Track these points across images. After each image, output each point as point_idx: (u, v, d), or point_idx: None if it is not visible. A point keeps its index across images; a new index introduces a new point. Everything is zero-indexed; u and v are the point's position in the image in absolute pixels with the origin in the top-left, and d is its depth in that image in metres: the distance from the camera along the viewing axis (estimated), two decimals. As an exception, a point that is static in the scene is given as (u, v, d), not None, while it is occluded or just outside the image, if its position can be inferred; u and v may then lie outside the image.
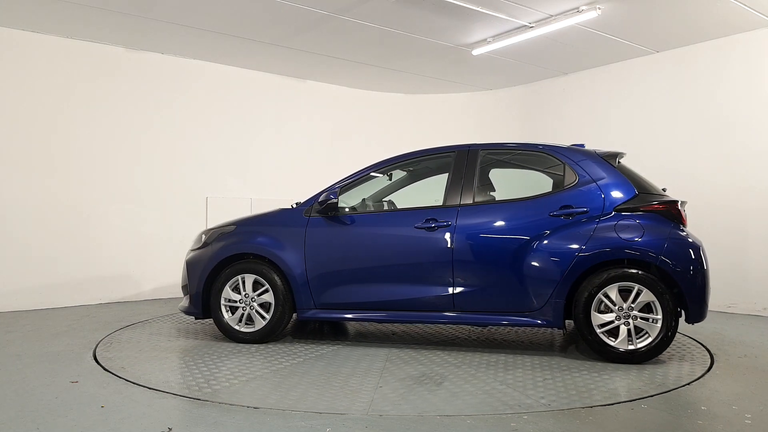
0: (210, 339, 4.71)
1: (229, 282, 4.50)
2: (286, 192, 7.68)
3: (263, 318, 4.47)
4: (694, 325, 5.16)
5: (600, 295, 3.95)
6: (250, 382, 3.51)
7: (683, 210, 4.14)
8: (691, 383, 3.53)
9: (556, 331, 5.09)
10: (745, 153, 6.14)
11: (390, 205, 4.94)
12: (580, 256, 3.98)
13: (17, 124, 6.13)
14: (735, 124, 6.24)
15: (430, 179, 4.97)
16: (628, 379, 3.61)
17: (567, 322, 4.19)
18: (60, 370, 3.78)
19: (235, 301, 4.51)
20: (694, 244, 3.98)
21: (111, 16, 5.78)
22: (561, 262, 4.01)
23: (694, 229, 4.26)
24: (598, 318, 3.96)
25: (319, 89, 8.43)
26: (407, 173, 5.03)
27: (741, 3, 5.36)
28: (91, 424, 2.81)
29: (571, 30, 6.05)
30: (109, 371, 3.75)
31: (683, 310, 3.97)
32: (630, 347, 3.92)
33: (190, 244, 5.00)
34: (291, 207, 4.72)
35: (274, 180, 7.95)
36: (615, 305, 3.94)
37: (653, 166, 6.19)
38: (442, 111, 9.05)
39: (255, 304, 4.49)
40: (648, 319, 3.90)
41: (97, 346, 4.46)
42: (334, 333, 5.09)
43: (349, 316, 4.44)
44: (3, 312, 5.91)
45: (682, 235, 4.00)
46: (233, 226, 4.70)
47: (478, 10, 5.50)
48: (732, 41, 6.24)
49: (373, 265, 4.37)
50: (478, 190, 4.39)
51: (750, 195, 6.09)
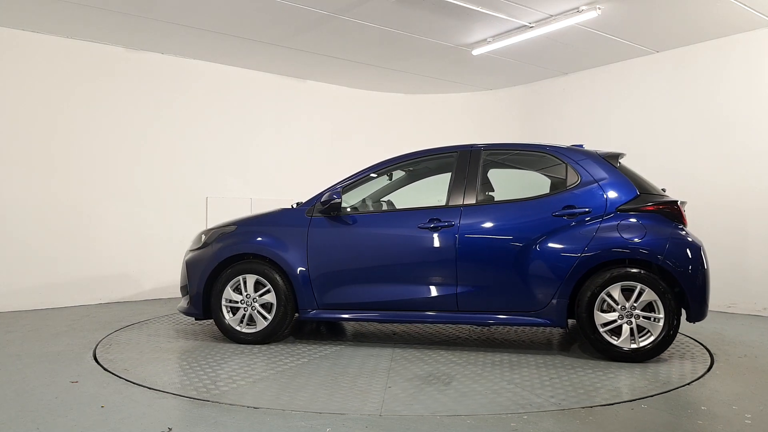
0: (210, 339, 4.71)
1: (230, 282, 4.48)
2: (286, 192, 7.68)
3: (265, 318, 4.45)
4: (695, 324, 5.20)
5: (603, 294, 3.98)
6: (257, 383, 3.50)
7: (683, 210, 4.19)
8: (691, 383, 3.53)
9: (555, 330, 5.10)
10: (745, 153, 6.14)
11: (389, 205, 4.93)
12: (583, 256, 4.00)
13: (17, 124, 6.13)
14: (735, 124, 6.24)
15: (431, 179, 4.96)
16: (630, 378, 3.61)
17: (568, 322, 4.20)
18: (60, 370, 3.78)
19: (236, 302, 4.49)
20: (694, 244, 4.03)
21: (111, 16, 5.78)
22: (564, 261, 4.03)
23: (694, 229, 4.29)
24: (601, 317, 3.98)
25: (319, 89, 8.43)
26: (409, 173, 5.02)
27: (741, 3, 5.36)
28: (91, 424, 2.81)
29: (571, 30, 6.05)
30: (109, 371, 3.74)
31: (684, 309, 4.01)
32: (633, 346, 3.95)
33: (189, 244, 4.98)
34: (291, 207, 4.72)
35: (274, 180, 7.95)
36: (618, 304, 3.97)
37: (653, 166, 6.19)
38: (442, 111, 9.04)
39: (256, 305, 4.47)
40: (650, 318, 3.93)
41: (97, 346, 4.46)
42: (334, 333, 5.09)
43: (352, 317, 4.44)
44: (3, 312, 5.91)
45: (684, 235, 4.05)
46: (234, 226, 4.67)
47: (478, 10, 5.50)
48: (732, 41, 6.24)
49: (376, 265, 4.36)
50: (480, 191, 4.41)
51: (750, 195, 6.09)
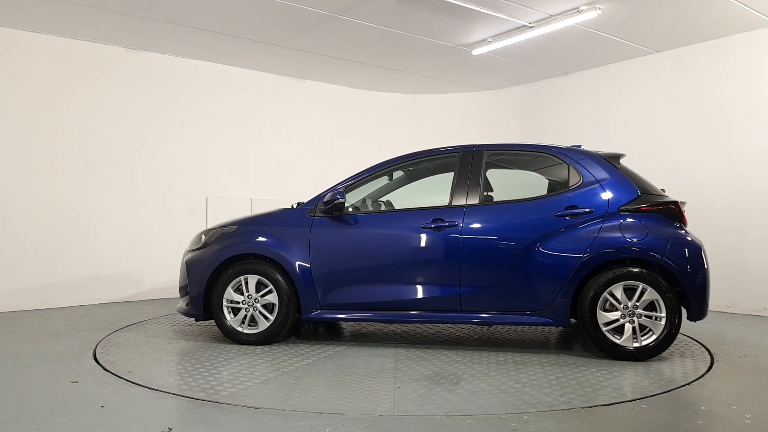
0: (210, 340, 4.71)
1: (232, 283, 4.45)
2: (286, 192, 7.68)
3: (267, 319, 4.43)
4: (695, 325, 5.24)
5: (605, 293, 4.01)
6: (265, 385, 3.48)
7: (683, 210, 4.22)
8: (691, 383, 3.53)
9: (553, 329, 5.11)
10: (745, 153, 6.14)
11: (389, 205, 4.93)
12: (586, 255, 4.03)
13: (17, 124, 6.13)
14: (735, 124, 6.24)
15: (432, 180, 4.96)
16: (633, 377, 3.63)
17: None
18: (60, 370, 3.78)
19: (238, 303, 4.46)
20: (695, 243, 4.07)
21: (111, 16, 5.78)
22: (567, 261, 4.06)
23: (694, 229, 4.31)
24: (603, 316, 4.02)
25: (319, 89, 8.43)
26: (411, 173, 5.02)
27: (741, 3, 5.36)
28: (91, 424, 2.81)
29: (571, 30, 6.05)
30: (109, 371, 3.74)
31: (685, 308, 4.06)
32: (635, 345, 3.99)
33: (188, 244, 4.95)
34: (291, 207, 4.71)
35: (274, 180, 7.95)
36: (620, 304, 4.00)
37: (653, 166, 6.19)
38: (442, 111, 9.04)
39: (258, 305, 4.44)
40: (652, 317, 3.96)
41: (97, 346, 4.46)
42: (333, 333, 5.09)
43: (354, 317, 4.43)
44: (3, 312, 5.91)
45: (685, 235, 4.09)
46: (235, 227, 4.64)
47: (478, 10, 5.50)
48: (732, 41, 6.24)
49: (379, 265, 4.36)
50: (483, 191, 4.42)
51: (750, 195, 6.09)
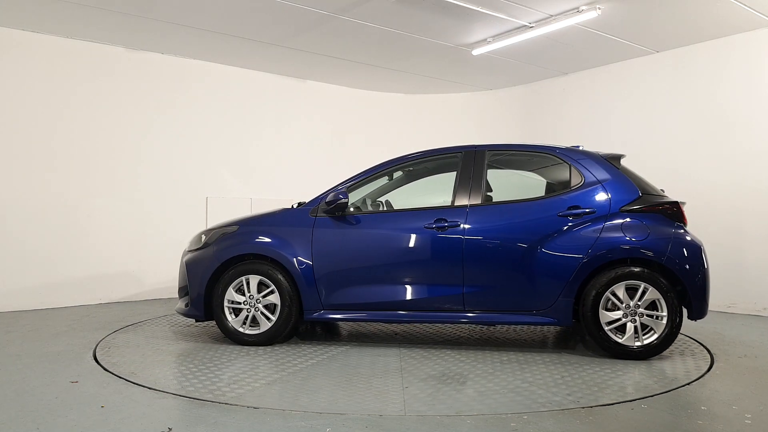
0: (211, 340, 4.70)
1: (233, 283, 4.43)
2: (286, 192, 7.68)
3: (268, 320, 4.41)
4: (695, 325, 5.24)
5: (608, 293, 4.03)
6: (272, 385, 3.46)
7: (683, 210, 4.25)
8: (691, 383, 3.53)
9: (551, 328, 5.11)
10: (745, 153, 6.14)
11: (388, 205, 4.93)
12: (589, 255, 4.05)
13: (17, 124, 6.13)
14: (735, 124, 6.24)
15: (433, 180, 4.96)
16: (637, 376, 3.65)
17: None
18: (60, 370, 3.78)
19: (239, 303, 4.44)
20: (696, 243, 4.10)
21: (111, 16, 5.78)
22: (570, 261, 4.08)
23: (694, 229, 4.32)
24: (606, 316, 4.04)
25: (319, 89, 8.43)
26: (413, 174, 5.01)
27: (741, 3, 5.36)
28: (91, 424, 2.81)
29: (571, 30, 6.05)
30: (109, 371, 3.74)
31: (686, 307, 4.09)
32: (637, 344, 4.01)
33: (187, 245, 4.90)
34: (291, 207, 4.70)
35: (274, 180, 7.95)
36: (622, 303, 4.03)
37: (653, 166, 6.19)
38: (442, 111, 9.04)
39: (260, 306, 4.42)
40: (653, 317, 3.99)
41: (97, 346, 4.46)
42: (334, 334, 5.09)
43: (357, 317, 4.43)
44: (3, 312, 5.91)
45: (685, 235, 4.12)
46: (236, 227, 4.61)
47: (478, 10, 5.50)
48: (732, 41, 6.24)
49: (382, 265, 4.35)
50: (486, 191, 4.43)
51: (750, 195, 6.09)
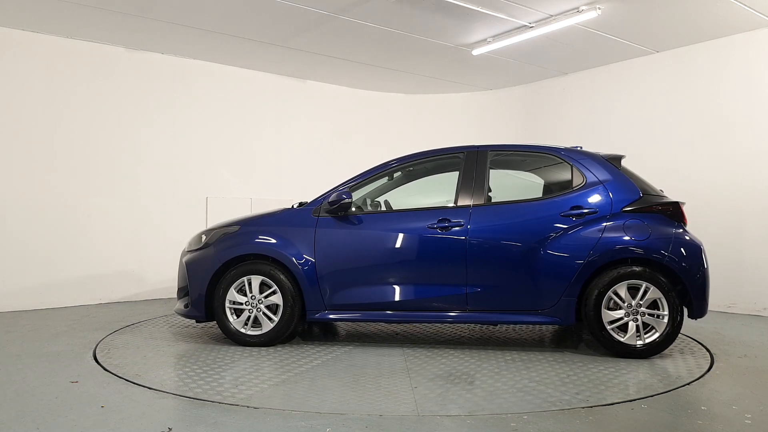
0: (212, 341, 4.70)
1: (235, 284, 4.40)
2: (286, 192, 7.68)
3: (271, 320, 4.39)
4: (695, 325, 5.25)
5: (610, 292, 4.06)
6: (280, 386, 3.43)
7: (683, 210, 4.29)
8: (691, 383, 3.53)
9: (549, 328, 5.12)
10: (745, 153, 6.14)
11: (388, 205, 4.93)
12: (592, 255, 4.08)
13: (18, 124, 6.13)
14: (735, 124, 6.24)
15: (435, 180, 4.96)
16: (641, 375, 3.67)
17: None
18: (60, 370, 3.78)
19: (241, 304, 4.41)
20: (696, 243, 4.15)
21: (111, 16, 5.78)
22: (573, 261, 4.11)
23: (694, 229, 4.35)
24: (608, 315, 4.08)
25: (319, 89, 8.43)
26: (415, 174, 5.00)
27: (741, 3, 5.36)
28: (91, 424, 2.81)
29: (571, 30, 6.05)
30: (109, 371, 3.74)
31: (686, 306, 4.12)
32: (639, 342, 4.05)
33: (186, 245, 4.85)
34: (291, 207, 4.68)
35: (274, 180, 7.95)
36: (624, 302, 4.06)
37: (653, 167, 6.19)
38: (442, 111, 9.04)
39: (262, 306, 4.40)
40: (655, 316, 4.03)
41: (97, 346, 4.46)
42: (334, 334, 5.09)
43: (360, 317, 4.42)
44: (3, 312, 5.91)
45: (686, 235, 4.16)
46: (237, 227, 4.58)
47: (478, 10, 5.50)
48: (732, 41, 6.24)
49: (385, 265, 4.35)
50: (488, 191, 4.44)
51: (750, 195, 6.09)
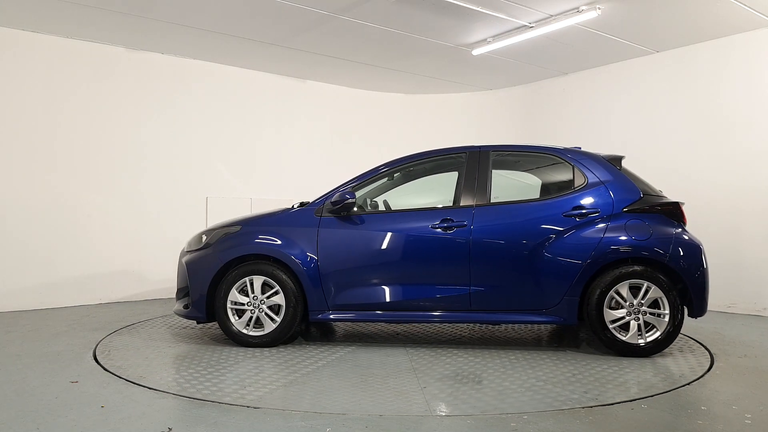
0: (212, 341, 4.69)
1: (236, 284, 4.38)
2: (286, 192, 7.68)
3: (273, 321, 4.37)
4: (695, 325, 5.25)
5: (612, 292, 4.09)
6: (288, 387, 3.42)
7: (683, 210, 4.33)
8: (691, 383, 3.53)
9: (547, 327, 5.12)
10: (745, 153, 6.14)
11: (385, 205, 4.92)
12: (594, 255, 4.11)
13: (18, 124, 6.13)
14: (735, 124, 6.24)
15: (437, 180, 4.97)
16: (645, 374, 3.68)
17: None
18: (60, 370, 3.78)
19: (243, 304, 4.39)
20: (696, 243, 4.18)
21: (111, 16, 5.78)
22: (576, 260, 4.13)
23: (694, 229, 4.37)
24: (610, 314, 4.10)
25: (319, 89, 8.43)
26: (417, 174, 5.00)
27: (741, 3, 5.36)
28: (91, 424, 2.81)
29: (571, 30, 6.05)
30: (109, 371, 3.74)
31: (686, 305, 4.15)
32: (640, 341, 4.08)
33: (185, 245, 4.82)
34: (292, 207, 4.67)
35: (274, 180, 7.95)
36: (626, 302, 4.09)
37: (653, 167, 6.19)
38: (442, 111, 9.04)
39: (264, 307, 4.38)
40: (656, 315, 4.06)
41: (97, 346, 4.46)
42: (333, 334, 5.09)
43: (364, 317, 4.42)
44: (3, 312, 5.91)
45: (686, 235, 4.20)
46: (238, 227, 4.56)
47: (478, 10, 5.50)
48: (732, 41, 6.24)
49: (389, 265, 4.35)
50: (491, 191, 4.45)
51: (750, 195, 6.09)
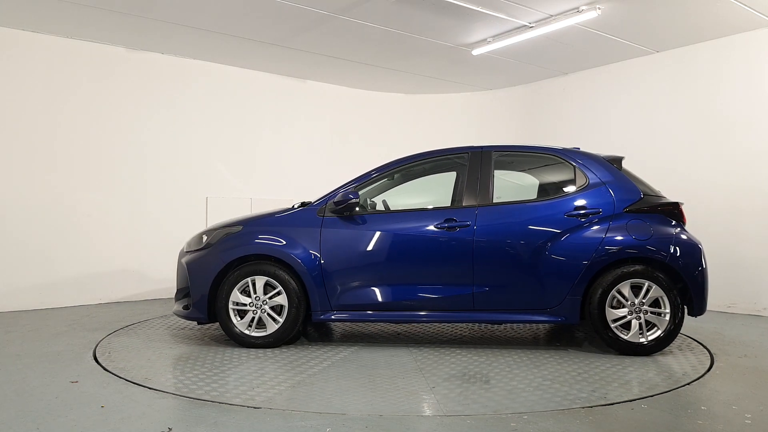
0: (213, 342, 4.69)
1: (238, 285, 4.35)
2: (286, 192, 7.68)
3: (275, 321, 4.35)
4: (695, 324, 5.25)
5: (613, 291, 4.13)
6: (296, 388, 3.40)
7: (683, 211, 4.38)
8: (691, 383, 3.54)
9: (545, 326, 5.12)
10: (745, 153, 6.14)
11: (384, 205, 4.92)
12: (596, 254, 4.14)
13: (18, 124, 6.12)
14: (735, 124, 6.23)
15: (439, 180, 4.97)
16: (645, 373, 3.69)
17: None
18: (60, 370, 3.78)
19: (245, 305, 4.36)
20: (695, 243, 4.23)
21: (111, 16, 5.78)
22: (578, 260, 4.16)
23: (694, 229, 4.40)
24: (612, 313, 4.14)
25: (319, 89, 8.43)
26: (419, 174, 4.99)
27: (741, 3, 5.36)
28: (91, 424, 2.81)
29: (571, 30, 6.05)
30: (109, 371, 3.74)
31: (686, 304, 4.19)
32: (642, 340, 4.12)
33: (185, 245, 4.79)
34: (292, 207, 4.66)
35: (275, 180, 7.95)
36: (627, 301, 4.13)
37: (653, 167, 6.19)
38: (442, 111, 9.04)
39: (266, 307, 4.36)
40: (657, 314, 4.10)
41: (97, 346, 4.46)
42: (333, 334, 5.09)
43: (367, 317, 4.41)
44: (3, 312, 5.91)
45: (686, 234, 4.24)
46: (239, 227, 4.53)
47: (478, 10, 5.50)
48: (732, 41, 6.24)
49: (392, 265, 4.36)
50: (493, 191, 4.46)
51: (750, 195, 6.09)
